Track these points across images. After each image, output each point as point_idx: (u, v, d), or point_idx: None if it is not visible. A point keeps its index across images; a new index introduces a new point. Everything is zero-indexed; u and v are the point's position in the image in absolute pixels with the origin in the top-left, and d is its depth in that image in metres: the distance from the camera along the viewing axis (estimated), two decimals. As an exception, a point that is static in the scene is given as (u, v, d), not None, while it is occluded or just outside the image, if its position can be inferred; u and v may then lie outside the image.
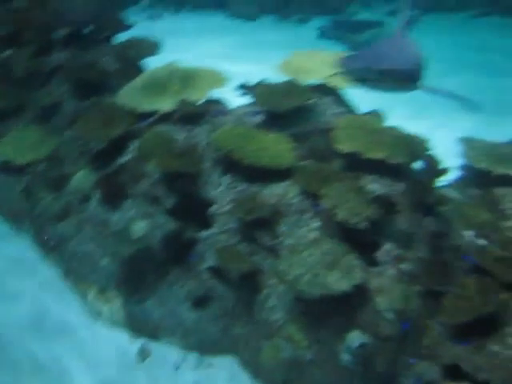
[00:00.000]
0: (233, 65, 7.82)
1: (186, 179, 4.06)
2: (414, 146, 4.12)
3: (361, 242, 3.63)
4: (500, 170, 4.15)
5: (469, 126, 6.54)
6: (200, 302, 3.89)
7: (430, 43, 8.70)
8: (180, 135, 4.43)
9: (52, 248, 4.73)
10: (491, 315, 3.15)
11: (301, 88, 4.69)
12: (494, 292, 3.19)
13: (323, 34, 9.06)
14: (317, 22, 9.85)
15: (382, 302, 3.46)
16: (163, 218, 4.02)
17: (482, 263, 3.38)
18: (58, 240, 4.68)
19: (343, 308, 3.40)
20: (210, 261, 3.93)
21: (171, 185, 4.11)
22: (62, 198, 4.73)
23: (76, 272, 4.48)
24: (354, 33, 8.72)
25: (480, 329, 3.18)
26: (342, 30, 8.94)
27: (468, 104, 3.39)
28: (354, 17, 9.85)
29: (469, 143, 4.36)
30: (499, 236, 3.69)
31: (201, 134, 4.44)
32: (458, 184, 4.38)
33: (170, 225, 4.00)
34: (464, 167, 4.45)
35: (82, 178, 4.65)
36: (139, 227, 3.96)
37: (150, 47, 5.70)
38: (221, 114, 4.69)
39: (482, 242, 3.81)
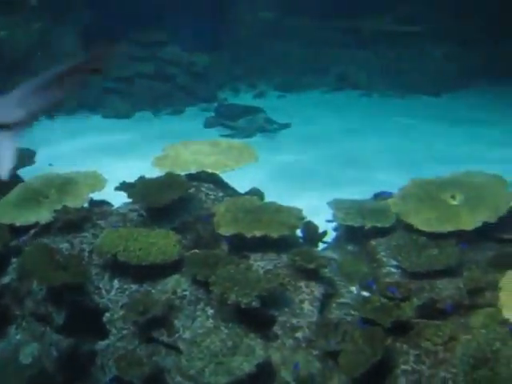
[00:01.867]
0: (115, 161, 7.85)
1: (73, 291, 3.89)
2: (291, 217, 4.34)
3: (257, 319, 3.67)
4: (369, 223, 4.49)
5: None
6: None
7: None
8: (63, 245, 4.29)
9: None
10: (382, 361, 3.30)
11: (179, 179, 4.80)
12: (380, 340, 3.36)
13: (208, 123, 9.44)
14: (191, 112, 10.29)
15: (286, 374, 3.49)
16: (55, 336, 3.79)
17: (364, 314, 3.57)
18: None
19: (251, 389, 3.37)
20: (113, 371, 3.73)
21: (59, 299, 3.92)
22: None
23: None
24: (233, 119, 9.21)
25: (376, 377, 3.32)
26: (223, 118, 9.40)
27: None
28: (225, 103, 10.42)
29: (337, 204, 4.68)
30: (379, 285, 3.93)
31: (85, 241, 4.33)
32: (337, 244, 4.65)
33: (64, 342, 3.78)
34: (339, 227, 4.75)
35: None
36: (29, 352, 3.68)
37: (25, 157, 5.55)
38: (104, 216, 4.63)
39: (365, 293, 4.03)
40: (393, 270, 4.14)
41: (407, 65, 10.74)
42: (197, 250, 4.11)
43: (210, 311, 3.76)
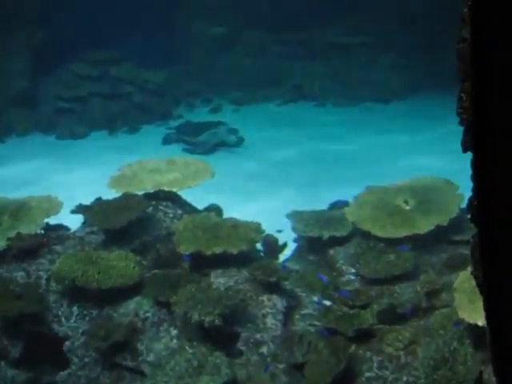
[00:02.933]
0: (71, 183, 7.65)
1: (30, 321, 3.75)
2: (250, 231, 4.33)
3: (221, 336, 3.63)
4: (327, 233, 4.54)
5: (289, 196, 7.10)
6: None
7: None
8: (18, 274, 4.13)
9: None
10: (346, 370, 3.33)
11: (136, 199, 4.72)
12: (344, 349, 3.38)
13: (166, 139, 9.33)
14: (148, 130, 10.17)
15: (253, 389, 3.46)
16: (10, 371, 3.62)
17: (327, 324, 3.59)
18: None
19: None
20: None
21: (15, 331, 3.76)
22: None
23: None
24: (194, 135, 9.15)
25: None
26: (183, 134, 9.32)
27: None
28: (180, 120, 10.36)
29: (296, 216, 4.72)
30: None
31: (42, 268, 4.18)
32: (297, 255, 4.67)
33: (21, 377, 3.62)
34: (298, 238, 4.79)
35: None
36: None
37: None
38: (60, 240, 4.49)
39: (327, 303, 4.06)
40: (352, 277, 4.20)
41: (357, 74, 11.02)
42: (157, 271, 4.04)
43: (174, 331, 3.69)
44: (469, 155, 1.16)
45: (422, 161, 8.03)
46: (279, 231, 4.81)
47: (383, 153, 8.59)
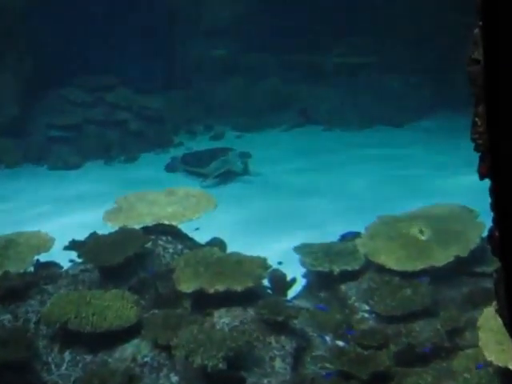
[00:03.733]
0: (64, 217, 7.66)
1: (16, 370, 3.68)
2: (256, 267, 4.30)
3: (226, 382, 3.56)
4: (338, 267, 4.49)
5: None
6: None
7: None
8: (5, 317, 4.09)
9: None
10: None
11: (134, 234, 4.71)
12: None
13: (169, 168, 9.29)
14: (146, 159, 10.22)
15: None
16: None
17: (341, 368, 3.52)
18: None
19: None
20: None
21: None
22: None
23: None
24: (201, 165, 8.95)
25: None
26: (189, 164, 9.15)
27: None
28: (181, 147, 10.40)
29: (304, 249, 4.69)
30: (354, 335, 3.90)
31: (31, 310, 4.14)
32: (307, 291, 4.62)
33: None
34: (307, 273, 4.74)
35: None
36: None
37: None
38: (52, 279, 4.46)
39: (340, 343, 4.00)
40: (366, 315, 4.13)
41: (366, 97, 11.11)
42: (156, 311, 4.00)
43: (175, 378, 3.63)
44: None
45: (447, 190, 7.80)
46: (280, 263, 4.83)
47: (401, 183, 8.39)
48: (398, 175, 8.70)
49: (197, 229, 5.20)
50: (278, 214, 7.65)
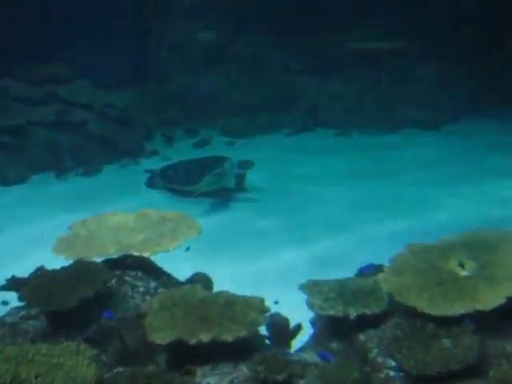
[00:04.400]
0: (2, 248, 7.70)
1: None
2: (250, 310, 4.34)
3: None
4: (355, 310, 4.53)
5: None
6: None
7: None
8: None
9: None
10: None
11: (94, 268, 4.76)
12: None
13: (150, 183, 9.29)
14: (111, 171, 10.30)
15: None
16: None
17: None
18: None
19: None
20: None
21: None
22: None
23: None
24: (187, 181, 8.80)
25: None
26: (169, 179, 9.07)
27: None
28: (155, 157, 10.51)
29: (312, 288, 4.72)
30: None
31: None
32: (315, 342, 4.65)
33: None
34: (316, 318, 4.78)
35: None
36: None
37: None
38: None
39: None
40: (392, 373, 4.16)
41: (391, 91, 11.23)
42: (122, 369, 4.03)
43: None
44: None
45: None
46: (276, 303, 4.89)
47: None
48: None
49: (188, 249, 5.29)
50: (274, 237, 7.73)
